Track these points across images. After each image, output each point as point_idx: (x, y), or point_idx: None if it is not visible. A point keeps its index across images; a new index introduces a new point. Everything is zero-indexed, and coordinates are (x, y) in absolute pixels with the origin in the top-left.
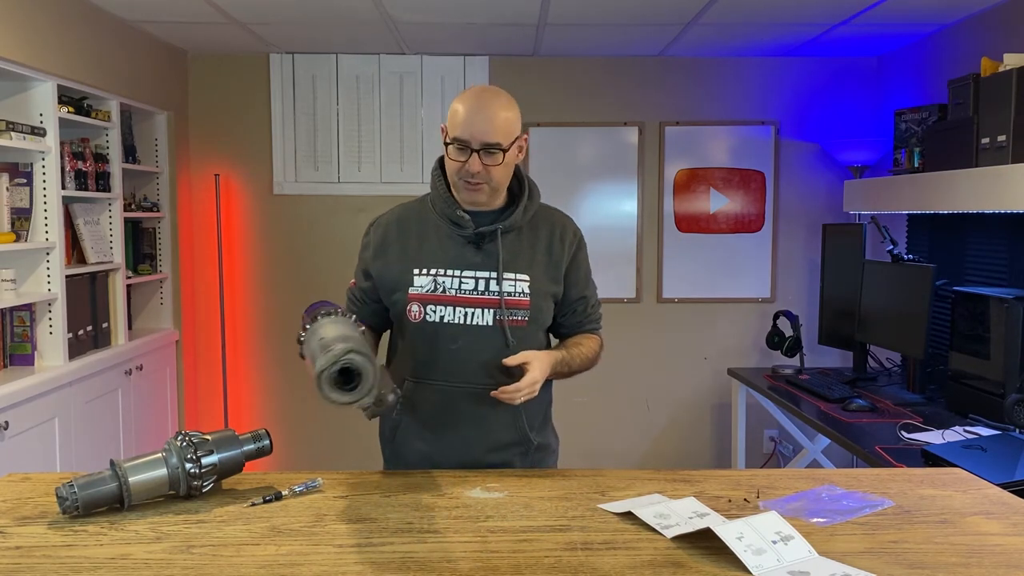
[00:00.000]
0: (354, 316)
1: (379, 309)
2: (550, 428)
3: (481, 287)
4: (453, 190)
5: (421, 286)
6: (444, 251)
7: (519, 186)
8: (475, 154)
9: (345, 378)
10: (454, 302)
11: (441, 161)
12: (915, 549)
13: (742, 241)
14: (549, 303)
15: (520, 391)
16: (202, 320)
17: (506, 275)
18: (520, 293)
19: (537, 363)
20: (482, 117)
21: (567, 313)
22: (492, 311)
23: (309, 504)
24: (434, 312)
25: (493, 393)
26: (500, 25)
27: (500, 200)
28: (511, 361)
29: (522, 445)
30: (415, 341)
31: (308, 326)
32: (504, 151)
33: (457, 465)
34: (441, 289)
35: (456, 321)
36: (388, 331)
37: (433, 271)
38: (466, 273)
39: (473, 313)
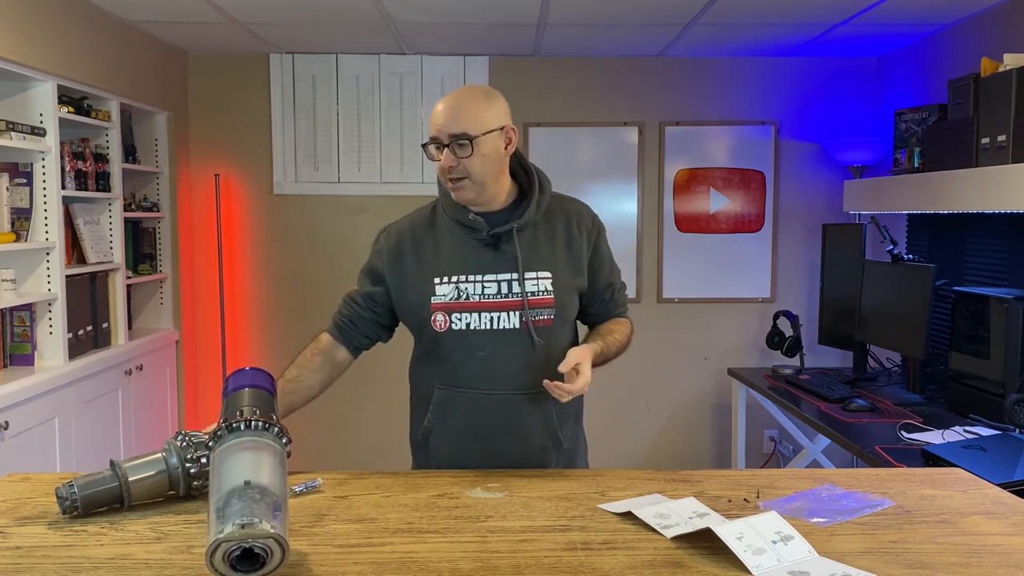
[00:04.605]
0: (278, 429)
1: (378, 318)
2: (580, 430)
3: (504, 290)
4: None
5: (444, 294)
6: (462, 256)
7: (528, 180)
8: (446, 149)
9: (247, 556)
10: (479, 308)
11: None
12: (915, 549)
13: (742, 241)
14: (574, 297)
15: (572, 392)
16: (202, 320)
17: (527, 274)
18: (543, 291)
19: (587, 364)
20: (448, 111)
21: (595, 303)
22: (518, 313)
23: (309, 504)
24: (460, 320)
25: (545, 382)
26: (500, 25)
27: (501, 197)
28: (565, 367)
29: (555, 449)
30: (442, 350)
31: (221, 432)
32: (471, 139)
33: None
34: (465, 296)
35: (483, 327)
36: (378, 342)
37: (454, 278)
38: (487, 277)
39: (499, 317)
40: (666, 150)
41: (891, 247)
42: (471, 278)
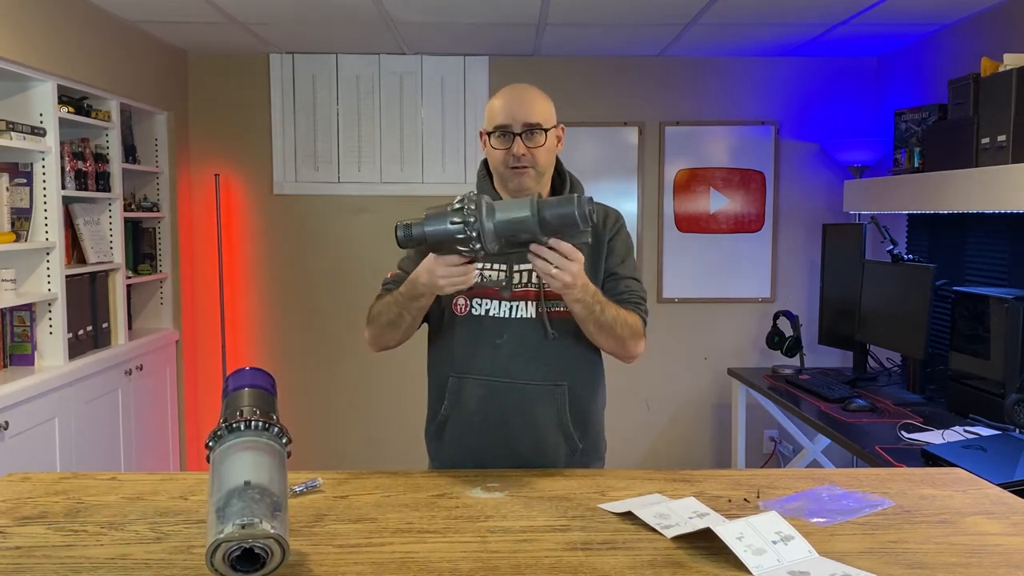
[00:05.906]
0: (278, 428)
1: None
2: (600, 433)
3: (524, 279)
4: (498, 186)
5: None
6: None
7: (561, 181)
8: (518, 137)
9: (247, 556)
10: (499, 295)
11: (486, 164)
12: (915, 549)
13: (742, 241)
14: None
15: (558, 259)
16: (202, 320)
17: None
18: None
19: (577, 253)
20: (521, 102)
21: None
22: (534, 303)
23: (309, 504)
24: (480, 306)
25: (532, 247)
26: (500, 25)
27: (544, 193)
28: (549, 243)
29: (567, 445)
30: (459, 335)
31: (221, 432)
32: (545, 131)
33: (502, 464)
34: (487, 282)
35: (501, 315)
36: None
37: (479, 265)
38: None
39: (516, 306)
40: (666, 150)
41: (891, 247)
42: (495, 266)
